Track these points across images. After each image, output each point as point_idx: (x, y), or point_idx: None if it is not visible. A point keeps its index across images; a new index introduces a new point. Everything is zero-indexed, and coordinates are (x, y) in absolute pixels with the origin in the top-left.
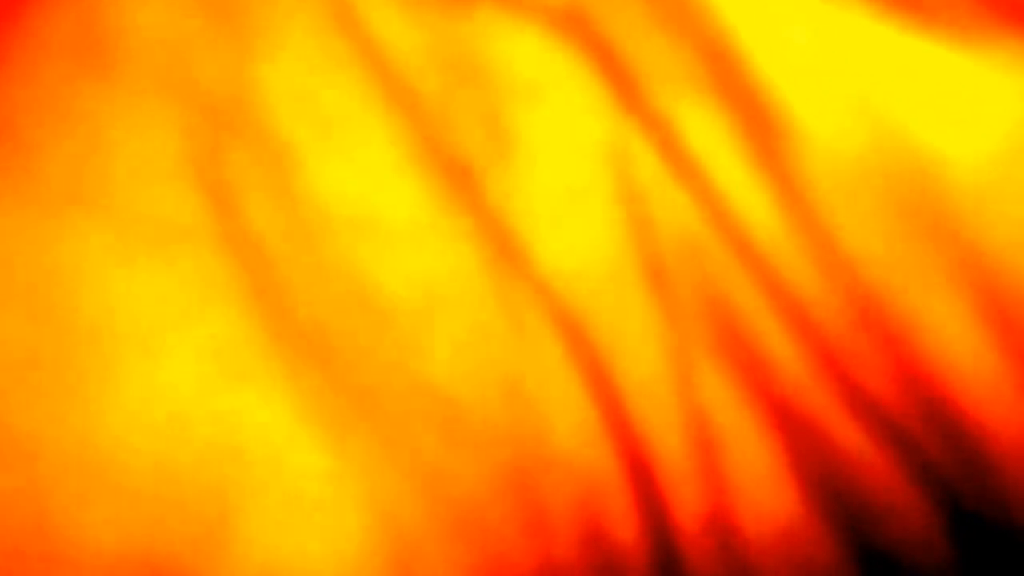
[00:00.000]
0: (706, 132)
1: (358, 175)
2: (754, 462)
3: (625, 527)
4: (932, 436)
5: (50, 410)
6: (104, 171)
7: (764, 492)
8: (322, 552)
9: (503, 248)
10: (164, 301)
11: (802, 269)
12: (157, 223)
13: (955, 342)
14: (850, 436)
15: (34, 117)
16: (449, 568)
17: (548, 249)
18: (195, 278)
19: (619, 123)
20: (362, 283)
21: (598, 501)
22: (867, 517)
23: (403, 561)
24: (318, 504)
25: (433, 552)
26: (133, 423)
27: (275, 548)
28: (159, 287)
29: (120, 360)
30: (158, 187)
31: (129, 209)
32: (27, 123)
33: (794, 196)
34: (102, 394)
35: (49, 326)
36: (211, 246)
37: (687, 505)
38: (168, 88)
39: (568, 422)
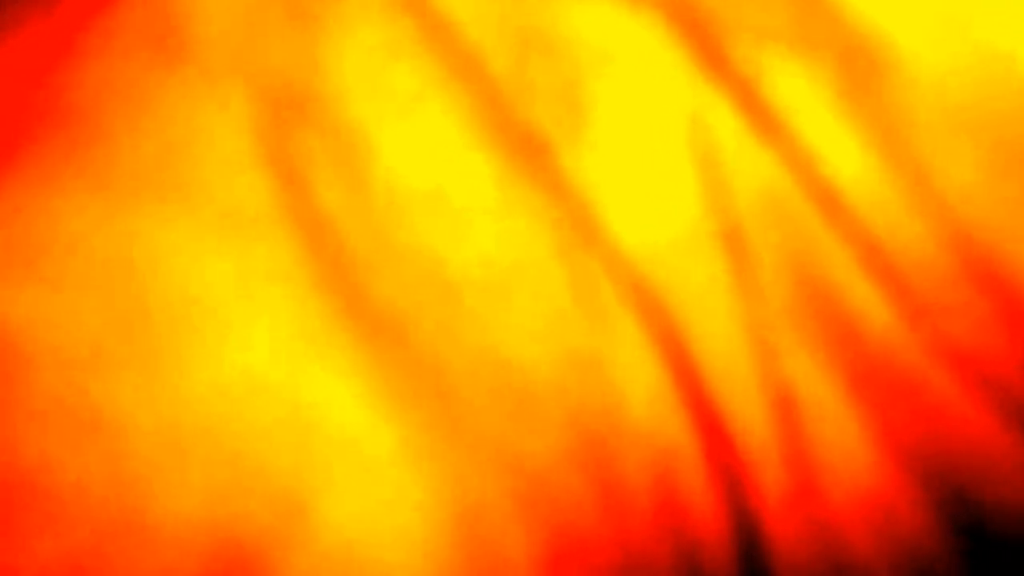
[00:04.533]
0: (792, 84)
1: (428, 154)
2: (841, 432)
3: (703, 502)
4: None
5: (134, 387)
6: (179, 157)
7: (852, 463)
8: (394, 529)
9: (577, 221)
10: (239, 282)
11: (896, 218)
12: (230, 206)
13: None
14: (947, 392)
15: (112, 107)
16: (523, 542)
17: (623, 220)
18: (268, 259)
19: (697, 85)
20: (433, 260)
21: (675, 475)
22: (964, 480)
23: (476, 537)
24: (390, 481)
25: (506, 527)
26: (212, 399)
27: (349, 523)
28: (234, 269)
29: (198, 339)
30: (231, 171)
31: (204, 193)
32: (105, 113)
33: (890, 137)
34: (182, 371)
35: (130, 308)
36: (282, 228)
37: (769, 479)
38: (240, 73)
39: (643, 395)
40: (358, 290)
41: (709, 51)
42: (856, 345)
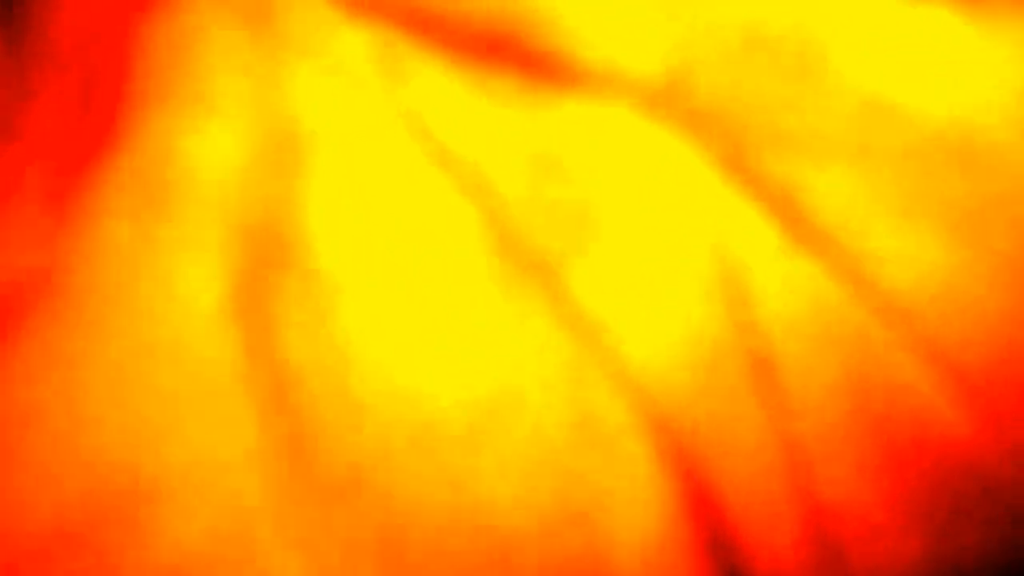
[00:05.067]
0: (838, 192)
1: (417, 291)
2: (896, 561)
3: None
4: None
5: (82, 571)
6: (151, 329)
7: None
8: None
9: (585, 348)
10: (194, 454)
11: (968, 319)
12: (196, 371)
13: None
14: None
15: (91, 280)
16: None
17: (638, 348)
18: (226, 428)
19: (723, 199)
20: (403, 409)
21: None
22: None
23: None
24: None
25: None
26: None
27: None
28: (191, 441)
29: (150, 517)
30: (201, 333)
31: (171, 367)
32: (83, 288)
33: (965, 232)
34: (128, 550)
35: (89, 492)
36: (244, 392)
37: None
38: (223, 228)
39: (645, 541)
40: (319, 451)
41: (738, 162)
42: (918, 460)
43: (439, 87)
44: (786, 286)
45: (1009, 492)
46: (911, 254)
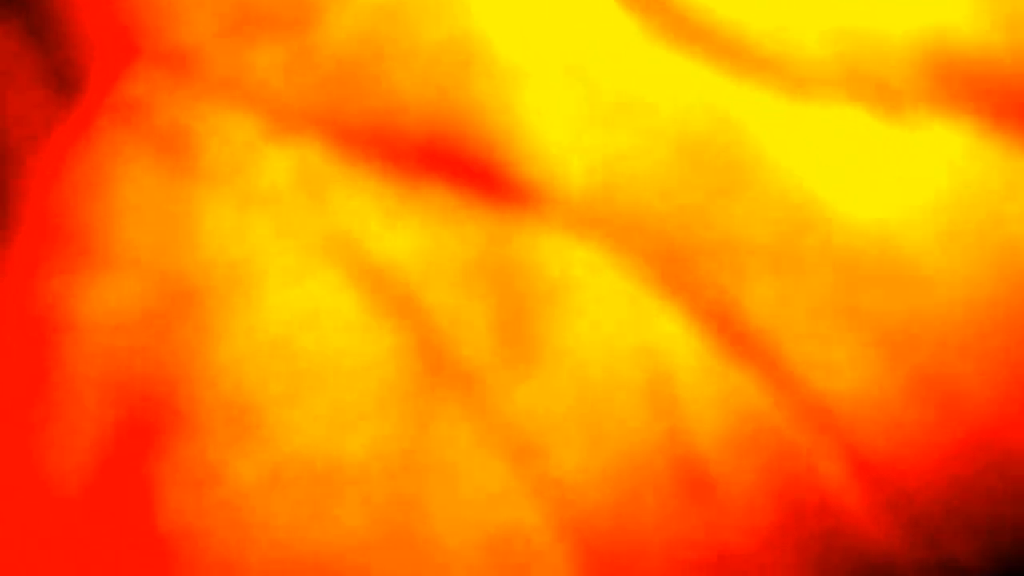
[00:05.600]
0: (770, 302)
1: (321, 424)
2: None
3: None
4: None
5: None
6: (20, 496)
7: None
8: None
9: (512, 464)
10: None
11: (897, 430)
12: (64, 543)
13: None
14: None
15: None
16: None
17: (566, 462)
18: None
19: (655, 314)
20: (292, 552)
21: None
22: None
23: None
24: None
25: None
26: None
27: None
28: None
29: None
30: (72, 503)
31: (40, 533)
32: None
33: (891, 347)
34: None
35: None
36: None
37: None
38: (104, 385)
39: None
40: None
41: (674, 276)
42: (847, 566)
43: (366, 203)
44: (715, 395)
45: None
46: (837, 364)
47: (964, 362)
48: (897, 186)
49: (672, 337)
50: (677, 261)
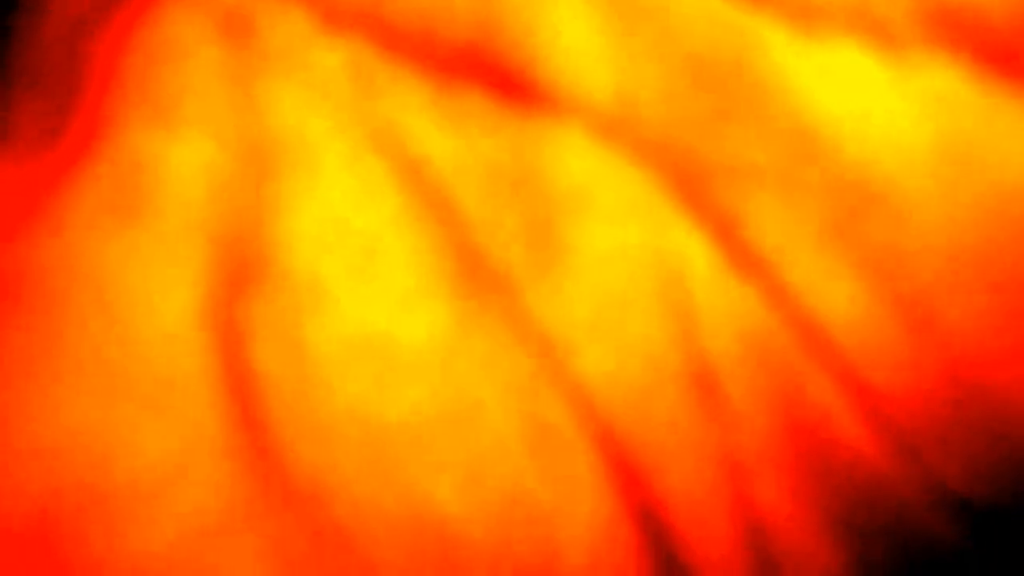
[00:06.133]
0: (775, 222)
1: (378, 308)
2: (815, 567)
3: None
4: None
5: (53, 570)
6: (124, 333)
7: None
8: None
9: (539, 363)
10: (164, 460)
11: (886, 354)
12: (167, 382)
13: None
14: (935, 531)
15: (68, 280)
16: None
17: (589, 361)
18: (195, 435)
19: (671, 226)
20: (363, 417)
21: None
22: None
23: None
24: None
25: None
26: None
27: None
28: (161, 447)
29: (120, 519)
30: (173, 345)
31: (144, 366)
32: (60, 287)
33: (883, 273)
34: (99, 552)
35: (60, 491)
36: (215, 402)
37: None
38: (197, 236)
39: (592, 545)
40: (285, 459)
41: (688, 192)
42: (838, 480)
43: (409, 103)
44: (725, 308)
45: (918, 514)
46: (830, 286)
47: (948, 293)
48: (893, 123)
49: (685, 249)
50: (691, 176)
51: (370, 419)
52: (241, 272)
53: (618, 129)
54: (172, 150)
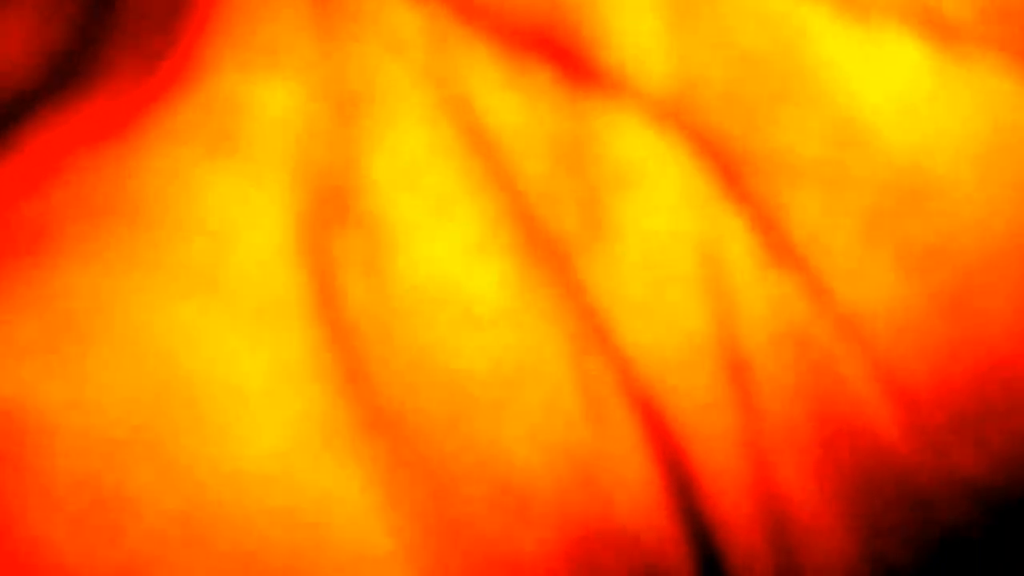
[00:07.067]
0: (814, 214)
1: (452, 256)
2: (832, 548)
3: None
4: None
5: (151, 471)
6: (223, 248)
7: None
8: None
9: (588, 329)
10: (259, 374)
11: (921, 346)
12: (265, 299)
13: None
14: (955, 519)
15: (164, 197)
16: None
17: (632, 333)
18: (291, 355)
19: (715, 211)
20: (444, 360)
21: None
22: None
23: None
24: None
25: None
26: (224, 488)
27: None
28: (259, 362)
29: (218, 427)
30: (270, 265)
31: (241, 285)
32: (157, 203)
33: (923, 266)
34: (199, 458)
35: (156, 393)
36: (309, 324)
37: None
38: (287, 171)
39: (637, 503)
40: (372, 388)
41: (730, 178)
42: (863, 470)
43: (480, 71)
44: (761, 295)
45: (938, 508)
46: (868, 278)
47: (987, 289)
48: (940, 116)
49: (727, 235)
50: (738, 165)
51: (448, 362)
52: (326, 210)
53: (672, 115)
54: (263, 92)
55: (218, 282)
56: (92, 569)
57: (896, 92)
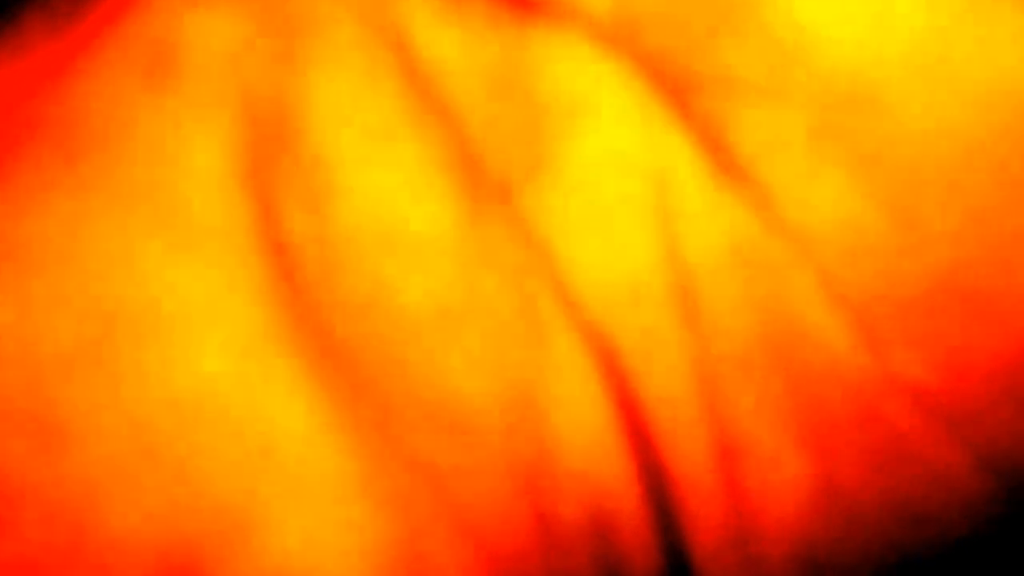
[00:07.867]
0: (761, 130)
1: (391, 188)
2: (783, 476)
3: (638, 541)
4: (1005, 423)
5: (96, 394)
6: (161, 174)
7: (791, 507)
8: (337, 550)
9: (533, 261)
10: (204, 297)
11: (872, 256)
12: (204, 224)
13: None
14: (906, 430)
15: (100, 123)
16: (460, 568)
17: (578, 263)
18: (232, 279)
19: (662, 135)
20: (386, 292)
21: (611, 514)
22: (912, 524)
23: (416, 560)
24: (334, 502)
25: (443, 553)
26: (169, 411)
27: (292, 543)
28: (200, 284)
29: (160, 349)
30: (208, 191)
31: (180, 210)
32: (93, 128)
33: (870, 177)
34: (142, 380)
35: (98, 316)
36: (249, 249)
37: (707, 522)
38: (224, 99)
39: (583, 433)
40: (313, 314)
41: (676, 101)
42: (815, 381)
43: (418, 6)
44: (709, 214)
45: (888, 422)
46: (816, 191)
47: (933, 197)
48: (880, 24)
49: (675, 159)
50: (681, 87)
51: (391, 296)
52: (267, 144)
53: (614, 40)
54: (200, 24)
55: (160, 206)
56: (38, 493)
57: (837, 5)
